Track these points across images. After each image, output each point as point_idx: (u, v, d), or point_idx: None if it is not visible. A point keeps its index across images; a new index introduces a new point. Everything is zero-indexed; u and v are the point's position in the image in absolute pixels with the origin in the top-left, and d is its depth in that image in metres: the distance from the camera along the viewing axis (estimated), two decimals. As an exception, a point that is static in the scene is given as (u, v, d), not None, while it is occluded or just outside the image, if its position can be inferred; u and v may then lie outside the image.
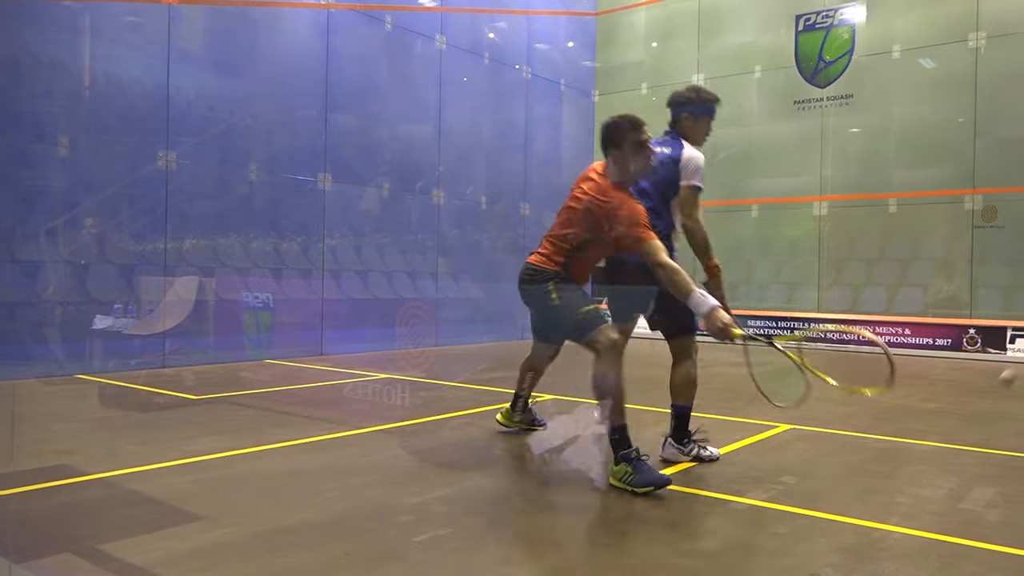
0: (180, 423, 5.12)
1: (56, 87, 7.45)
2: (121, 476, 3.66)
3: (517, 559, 2.72)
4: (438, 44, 11.19)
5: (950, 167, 11.12)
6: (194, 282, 8.25)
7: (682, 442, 4.08)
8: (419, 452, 4.34)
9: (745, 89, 12.93)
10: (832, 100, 12.01)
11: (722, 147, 12.87)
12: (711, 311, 3.35)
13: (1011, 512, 3.29)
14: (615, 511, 3.27)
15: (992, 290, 10.75)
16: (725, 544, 2.86)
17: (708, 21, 13.45)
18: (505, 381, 6.86)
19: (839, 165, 12.06)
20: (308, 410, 5.76)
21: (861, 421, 5.41)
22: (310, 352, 9.28)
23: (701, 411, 4.14)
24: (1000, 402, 6.57)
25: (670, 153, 3.95)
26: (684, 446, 4.08)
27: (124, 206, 8.03)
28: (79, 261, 7.59)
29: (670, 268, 3.43)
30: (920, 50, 11.39)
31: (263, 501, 3.34)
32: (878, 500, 3.45)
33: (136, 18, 8.08)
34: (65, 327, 7.36)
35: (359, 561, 2.64)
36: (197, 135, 8.44)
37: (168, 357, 7.94)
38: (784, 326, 11.72)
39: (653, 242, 3.49)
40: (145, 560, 2.61)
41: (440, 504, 3.28)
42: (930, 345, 10.54)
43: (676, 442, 4.09)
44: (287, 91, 9.43)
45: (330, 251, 9.81)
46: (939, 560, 2.70)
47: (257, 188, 9.16)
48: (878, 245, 11.94)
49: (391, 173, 10.66)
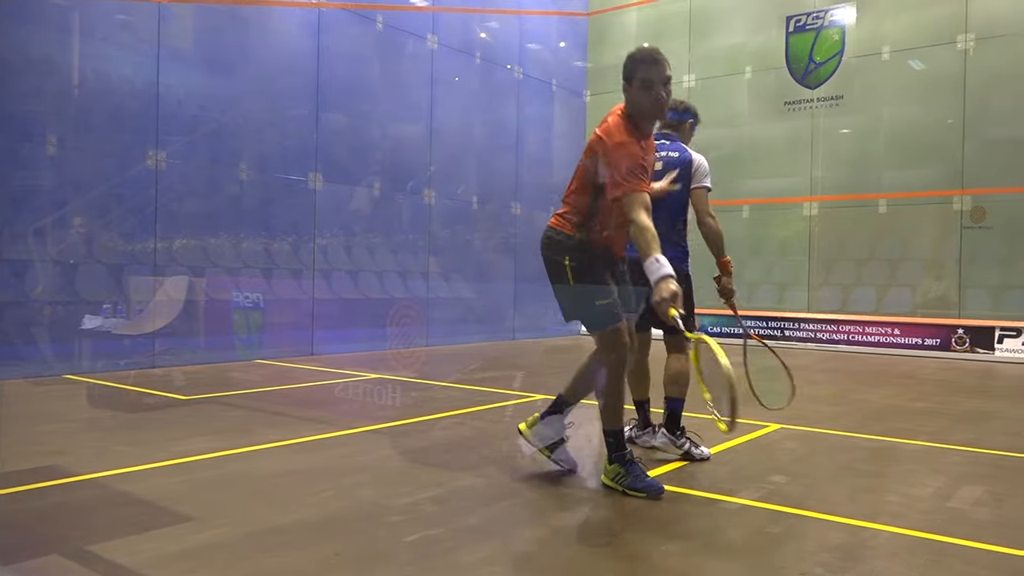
0: (169, 423, 5.09)
1: (45, 86, 7.40)
2: (110, 477, 3.64)
3: (508, 559, 2.72)
4: (430, 44, 11.18)
5: (939, 168, 11.19)
6: (184, 282, 8.22)
7: (674, 433, 4.15)
8: (410, 452, 4.33)
9: (736, 90, 12.97)
10: (822, 101, 12.07)
11: (713, 148, 12.86)
12: (663, 279, 3.09)
13: (999, 510, 3.31)
14: (606, 511, 3.27)
15: (980, 290, 10.82)
16: (716, 544, 2.87)
17: (699, 22, 13.49)
18: (496, 381, 6.87)
19: (829, 166, 12.11)
20: (298, 410, 5.75)
21: (851, 420, 5.43)
22: (301, 352, 9.26)
23: (691, 411, 4.15)
24: (988, 402, 6.61)
25: (679, 157, 4.22)
26: (677, 438, 4.14)
27: (113, 205, 7.99)
28: (68, 261, 7.54)
29: (642, 226, 3.21)
30: (909, 52, 11.46)
31: (253, 501, 3.33)
32: (868, 499, 3.46)
33: (126, 16, 8.04)
34: (54, 327, 7.32)
35: (349, 561, 2.64)
36: (187, 134, 8.40)
37: (158, 357, 7.90)
38: (775, 326, 11.77)
39: (638, 195, 3.26)
40: (134, 561, 2.60)
41: (431, 504, 3.28)
42: (919, 345, 10.60)
43: (669, 432, 4.16)
44: (278, 90, 9.40)
45: (321, 251, 9.78)
46: (928, 558, 2.72)
47: (247, 188, 9.12)
48: (868, 245, 12.00)
49: (382, 173, 10.64)
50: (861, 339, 11.06)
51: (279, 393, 6.56)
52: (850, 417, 5.60)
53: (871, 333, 10.99)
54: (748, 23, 13.07)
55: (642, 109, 3.42)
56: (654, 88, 3.38)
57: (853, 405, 6.18)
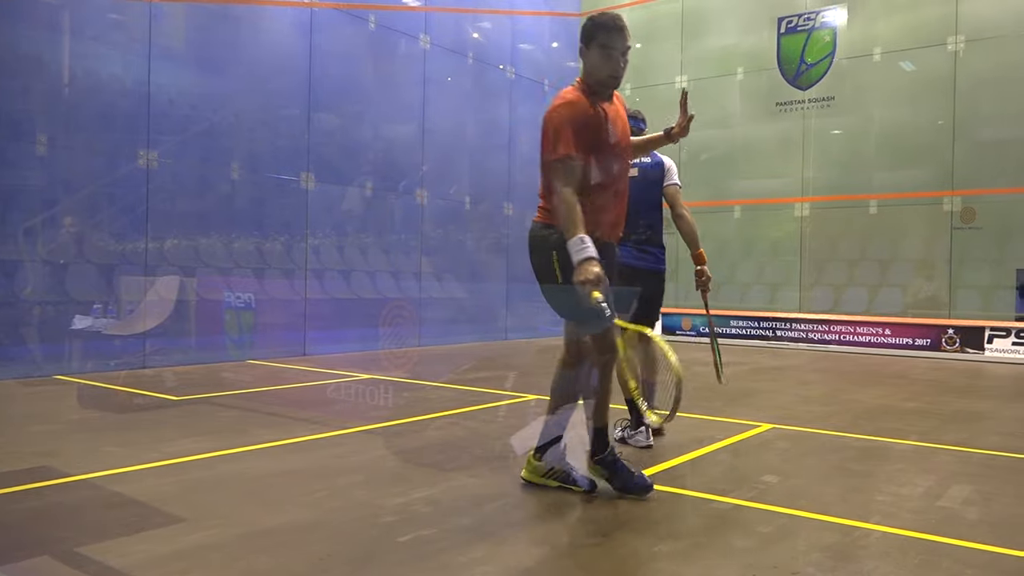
0: (161, 424, 5.07)
1: (35, 84, 7.36)
2: (101, 478, 3.63)
3: (500, 559, 2.72)
4: (422, 44, 11.17)
5: (929, 169, 11.25)
6: (175, 282, 8.19)
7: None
8: (403, 452, 4.33)
9: (727, 91, 13.01)
10: (813, 102, 12.12)
11: (705, 148, 12.96)
12: (585, 261, 3.00)
13: (988, 510, 3.34)
14: (598, 511, 3.27)
15: (971, 290, 10.89)
16: (708, 544, 2.88)
17: (691, 23, 13.52)
18: (489, 381, 6.87)
19: (820, 167, 12.16)
20: (291, 411, 5.73)
21: (841, 420, 5.46)
22: (293, 352, 9.24)
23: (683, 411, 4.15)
24: (978, 402, 6.65)
25: (652, 161, 4.51)
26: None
27: (104, 205, 7.95)
28: (58, 261, 7.50)
29: (569, 201, 3.10)
30: (900, 53, 11.51)
31: (245, 502, 3.32)
32: (859, 499, 3.48)
33: (117, 15, 8.00)
34: (44, 327, 7.28)
35: (342, 562, 2.63)
36: (179, 134, 8.37)
37: (149, 358, 7.87)
38: (767, 326, 11.80)
39: (563, 162, 3.14)
40: (125, 563, 2.59)
41: (424, 504, 3.27)
42: (909, 345, 10.65)
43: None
44: (270, 90, 9.37)
45: (313, 251, 9.76)
46: (918, 558, 2.73)
47: (239, 187, 9.10)
48: (859, 246, 12.06)
49: (374, 173, 10.62)
50: (852, 339, 11.11)
51: (271, 393, 6.55)
52: (841, 417, 5.62)
53: (862, 333, 11.04)
54: (740, 24, 13.12)
55: (598, 76, 3.30)
56: (613, 56, 3.27)
57: (844, 405, 6.21)
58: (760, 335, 11.82)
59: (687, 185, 4.28)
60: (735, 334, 12.01)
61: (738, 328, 12.03)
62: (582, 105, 3.26)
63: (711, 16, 13.39)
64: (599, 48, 3.28)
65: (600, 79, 3.31)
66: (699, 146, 12.83)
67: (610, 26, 3.28)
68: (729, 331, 12.08)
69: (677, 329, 12.38)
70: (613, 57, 3.27)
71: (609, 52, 3.27)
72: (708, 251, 4.59)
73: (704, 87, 13.07)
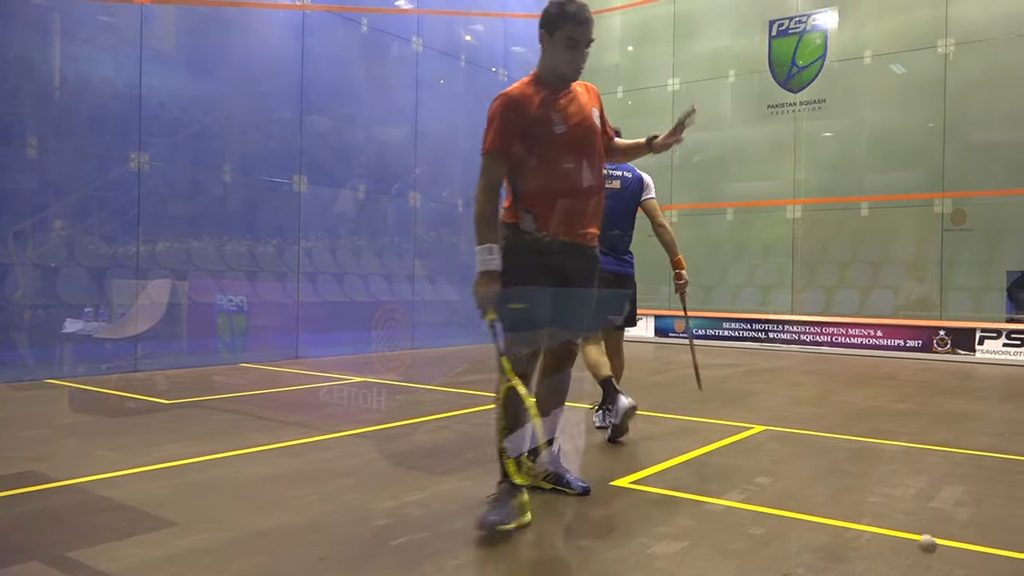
0: (152, 428, 5.05)
1: (25, 87, 7.33)
2: (92, 482, 3.61)
3: (492, 562, 2.72)
4: (414, 46, 11.17)
5: (920, 171, 11.30)
6: (167, 285, 8.16)
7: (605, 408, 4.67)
8: (395, 456, 4.32)
9: (719, 93, 13.05)
10: (805, 105, 12.17)
11: (697, 151, 12.98)
12: (488, 273, 2.93)
13: (979, 511, 3.35)
14: (590, 513, 3.28)
15: (961, 292, 10.94)
16: (699, 545, 2.88)
17: (683, 26, 13.56)
18: (481, 384, 6.86)
19: (812, 169, 12.21)
20: (283, 414, 5.72)
21: (833, 422, 5.47)
22: (285, 356, 9.21)
23: (676, 413, 4.16)
24: (969, 403, 6.68)
25: (632, 176, 4.75)
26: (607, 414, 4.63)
27: (95, 208, 7.92)
28: (49, 264, 7.47)
29: (480, 203, 2.99)
30: (891, 56, 11.57)
31: (237, 506, 3.31)
32: (850, 500, 3.49)
33: (108, 17, 7.97)
34: (34, 331, 7.24)
35: (334, 565, 2.63)
36: (170, 136, 8.34)
37: (140, 361, 7.83)
38: (759, 328, 11.83)
39: (486, 159, 3.00)
40: (116, 568, 2.58)
41: (416, 508, 3.27)
42: (900, 346, 10.70)
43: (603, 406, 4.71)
44: (262, 92, 9.36)
45: (305, 254, 9.75)
46: (909, 559, 2.74)
47: (231, 190, 9.07)
48: (850, 248, 12.11)
49: (367, 175, 10.62)
50: (844, 341, 11.15)
51: (264, 397, 6.53)
52: (833, 418, 5.64)
53: (854, 335, 11.08)
54: (731, 27, 13.16)
55: (559, 68, 3.14)
56: (578, 48, 3.12)
57: (836, 406, 6.23)
58: (752, 337, 11.85)
59: (680, 188, 4.35)
60: (727, 336, 12.04)
61: (730, 330, 12.06)
62: (521, 98, 3.08)
63: (703, 19, 13.43)
64: (564, 39, 3.10)
65: (560, 72, 3.15)
66: (691, 149, 12.85)
67: (579, 17, 3.10)
68: (721, 333, 12.10)
69: (670, 331, 12.40)
70: (578, 50, 3.13)
71: (574, 44, 3.11)
72: (700, 253, 4.74)
73: (696, 90, 13.11)
